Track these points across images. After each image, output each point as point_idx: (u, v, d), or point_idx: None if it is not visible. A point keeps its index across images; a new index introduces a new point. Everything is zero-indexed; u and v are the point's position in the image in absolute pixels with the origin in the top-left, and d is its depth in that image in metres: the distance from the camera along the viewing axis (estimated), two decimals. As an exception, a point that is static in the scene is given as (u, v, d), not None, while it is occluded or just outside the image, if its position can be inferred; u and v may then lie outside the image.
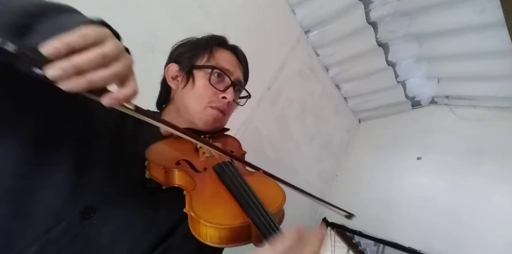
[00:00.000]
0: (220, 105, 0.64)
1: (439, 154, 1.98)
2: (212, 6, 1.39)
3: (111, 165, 0.50)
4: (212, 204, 0.45)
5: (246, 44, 0.79)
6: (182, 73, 0.67)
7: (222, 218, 0.41)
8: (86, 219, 0.44)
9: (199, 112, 0.63)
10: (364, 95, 2.36)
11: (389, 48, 1.92)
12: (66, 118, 0.48)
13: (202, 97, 0.64)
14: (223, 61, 0.68)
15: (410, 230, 1.77)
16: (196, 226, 0.41)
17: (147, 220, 0.49)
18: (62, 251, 0.41)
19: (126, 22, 1.09)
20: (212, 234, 0.39)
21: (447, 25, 1.62)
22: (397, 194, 1.98)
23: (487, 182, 1.69)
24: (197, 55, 0.68)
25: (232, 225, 0.40)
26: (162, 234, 0.50)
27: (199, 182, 0.48)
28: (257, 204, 0.43)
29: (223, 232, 0.39)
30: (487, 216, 1.60)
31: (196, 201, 0.43)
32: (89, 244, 0.43)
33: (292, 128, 1.96)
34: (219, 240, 0.39)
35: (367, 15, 1.74)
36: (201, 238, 0.40)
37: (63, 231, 0.42)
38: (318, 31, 1.94)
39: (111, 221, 0.46)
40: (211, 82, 0.64)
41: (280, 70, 1.80)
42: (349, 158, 2.45)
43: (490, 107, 1.93)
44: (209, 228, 0.39)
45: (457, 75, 1.92)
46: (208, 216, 0.40)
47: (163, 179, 0.50)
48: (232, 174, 0.51)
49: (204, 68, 0.66)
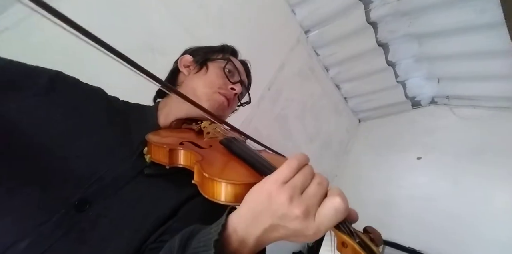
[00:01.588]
0: (228, 93, 0.66)
1: (439, 154, 1.98)
2: (212, 6, 1.39)
3: (103, 155, 0.50)
4: (224, 166, 0.45)
5: (246, 44, 0.79)
6: (196, 64, 0.69)
7: (237, 176, 0.41)
8: (81, 211, 0.44)
9: (208, 95, 0.64)
10: (364, 95, 2.36)
11: (389, 48, 1.92)
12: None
13: (213, 82, 0.65)
14: (235, 63, 0.71)
15: (410, 230, 1.77)
16: (210, 187, 0.39)
17: (146, 209, 0.49)
18: (56, 244, 0.41)
19: (126, 22, 1.09)
20: (228, 191, 0.38)
21: (447, 25, 1.63)
22: (397, 194, 1.98)
23: (487, 182, 1.69)
24: (212, 52, 0.71)
25: (248, 181, 0.38)
26: (161, 222, 0.49)
27: (207, 155, 0.47)
28: (269, 165, 0.43)
29: (239, 189, 0.38)
30: (487, 215, 1.60)
31: (207, 165, 0.42)
32: (85, 237, 0.43)
33: (292, 128, 1.96)
34: (234, 198, 0.38)
35: (367, 15, 1.74)
36: (215, 198, 0.39)
37: (56, 224, 0.42)
38: (318, 31, 1.93)
39: (108, 212, 0.46)
40: (224, 72, 0.67)
41: (280, 70, 1.80)
42: (349, 158, 2.45)
43: (490, 107, 1.93)
44: (225, 185, 0.38)
45: (457, 75, 1.92)
46: (222, 174, 0.40)
47: (167, 159, 0.48)
48: (240, 144, 0.51)
49: (219, 60, 0.69)
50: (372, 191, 2.09)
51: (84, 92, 0.57)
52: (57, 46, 0.94)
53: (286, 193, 0.32)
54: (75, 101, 0.54)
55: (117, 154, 0.52)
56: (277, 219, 0.32)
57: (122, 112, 0.61)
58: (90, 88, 0.60)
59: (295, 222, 0.31)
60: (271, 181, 0.34)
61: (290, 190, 0.32)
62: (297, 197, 0.32)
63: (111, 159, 0.51)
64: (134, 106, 0.66)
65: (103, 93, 0.62)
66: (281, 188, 0.33)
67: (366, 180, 2.19)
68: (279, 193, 0.32)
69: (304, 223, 0.31)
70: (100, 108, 0.57)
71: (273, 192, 0.32)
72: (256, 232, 0.33)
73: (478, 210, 1.64)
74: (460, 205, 1.71)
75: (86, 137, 0.51)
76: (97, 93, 0.60)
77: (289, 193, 0.32)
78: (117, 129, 0.56)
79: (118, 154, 0.52)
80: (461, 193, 1.75)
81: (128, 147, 0.54)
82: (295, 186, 0.33)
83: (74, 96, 0.54)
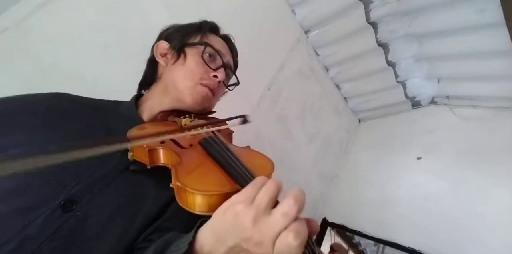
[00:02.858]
0: (211, 83, 0.62)
1: (439, 154, 1.98)
2: (212, 6, 1.39)
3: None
4: (199, 174, 0.44)
5: (246, 44, 0.79)
6: (173, 51, 0.64)
7: (210, 186, 0.40)
8: (68, 212, 0.43)
9: (189, 88, 0.61)
10: (364, 95, 2.36)
11: (389, 48, 1.92)
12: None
13: (193, 73, 0.62)
14: (215, 44, 0.66)
15: (410, 230, 1.77)
16: (183, 196, 0.39)
17: (134, 206, 0.48)
18: (43, 246, 0.40)
19: (126, 22, 1.09)
20: (200, 202, 0.38)
21: (447, 25, 1.62)
22: (397, 194, 1.98)
23: (487, 182, 1.69)
24: (189, 34, 0.66)
25: (221, 191, 0.38)
26: (151, 219, 0.48)
27: (185, 157, 0.46)
28: (245, 172, 0.42)
29: (212, 199, 0.38)
30: (487, 216, 1.60)
31: (182, 172, 0.41)
32: (73, 237, 0.42)
33: (292, 128, 1.96)
34: (208, 208, 0.38)
35: (367, 15, 1.74)
36: (189, 207, 0.39)
37: (41, 226, 0.41)
38: (318, 31, 1.93)
39: (95, 211, 0.45)
40: (203, 59, 0.62)
41: (280, 70, 1.80)
42: (349, 157, 2.45)
43: (490, 107, 1.93)
44: (197, 196, 0.38)
45: (457, 75, 1.92)
46: (195, 184, 0.39)
47: (147, 158, 0.48)
48: (218, 145, 0.50)
49: (197, 45, 0.64)
50: (372, 190, 2.09)
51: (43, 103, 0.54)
52: (57, 46, 0.94)
53: (251, 214, 0.32)
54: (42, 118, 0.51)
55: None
56: (240, 240, 0.32)
57: (96, 109, 0.59)
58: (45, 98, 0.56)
59: (257, 248, 0.32)
60: (238, 201, 0.34)
61: (254, 211, 0.32)
62: (261, 220, 0.32)
63: (94, 157, 0.49)
64: (109, 102, 0.64)
65: (65, 96, 0.59)
66: (247, 208, 0.33)
67: (366, 180, 2.18)
68: (245, 214, 0.32)
69: (265, 250, 0.31)
70: (69, 113, 0.55)
71: (240, 214, 0.33)
72: (221, 251, 0.33)
73: (478, 210, 1.64)
74: (460, 205, 1.71)
75: (61, 144, 0.48)
76: (58, 100, 0.57)
77: (254, 215, 0.32)
78: (94, 127, 0.54)
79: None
80: (461, 193, 1.75)
81: None
82: (259, 207, 0.33)
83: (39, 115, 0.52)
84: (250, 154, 0.55)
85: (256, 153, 0.56)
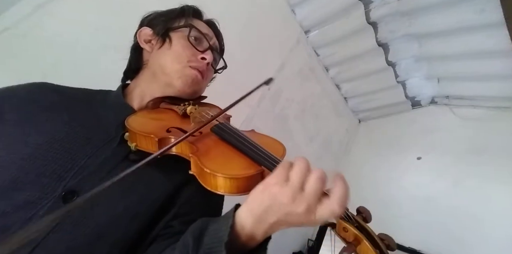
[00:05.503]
0: (199, 65, 0.61)
1: (439, 154, 1.98)
2: (212, 6, 1.38)
3: (78, 146, 0.48)
4: (223, 159, 0.46)
5: (246, 44, 0.79)
6: (157, 36, 0.63)
7: (237, 170, 0.43)
8: (69, 202, 0.42)
9: (178, 71, 0.59)
10: (364, 95, 2.36)
11: (389, 48, 1.92)
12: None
13: (181, 56, 0.60)
14: (200, 27, 0.64)
15: (410, 230, 1.77)
16: (212, 181, 0.42)
17: (139, 194, 0.48)
18: (48, 238, 0.40)
19: (126, 22, 1.09)
20: (229, 185, 0.41)
21: (447, 25, 1.63)
22: (397, 194, 1.98)
23: (487, 181, 1.69)
24: (173, 19, 0.65)
25: (248, 174, 0.42)
26: (157, 207, 0.48)
27: (200, 144, 0.47)
28: (265, 153, 0.45)
29: (240, 182, 0.41)
30: (487, 216, 1.60)
31: (206, 160, 0.43)
32: (79, 226, 0.42)
33: (292, 128, 1.96)
34: (237, 189, 0.41)
35: (367, 15, 1.74)
36: (218, 190, 0.42)
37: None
38: (318, 31, 1.93)
39: (98, 200, 0.44)
40: (190, 41, 0.61)
41: (280, 70, 1.80)
42: (349, 158, 2.45)
43: (490, 107, 1.93)
44: (227, 180, 0.41)
45: (457, 75, 1.92)
46: (224, 170, 0.42)
47: (156, 148, 0.47)
48: (232, 132, 0.51)
49: (182, 28, 0.62)
50: (372, 190, 2.09)
51: (25, 97, 0.53)
52: (57, 46, 0.95)
53: (288, 193, 0.35)
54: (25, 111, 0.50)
55: (94, 142, 0.49)
56: (282, 215, 0.36)
57: (82, 99, 0.58)
58: (28, 89, 0.55)
59: (299, 217, 0.36)
60: (273, 183, 0.37)
61: (291, 190, 0.35)
62: (298, 196, 0.35)
63: (88, 148, 0.48)
64: (95, 92, 0.62)
65: (50, 87, 0.58)
66: (283, 188, 0.36)
67: (366, 180, 2.18)
68: (282, 194, 0.35)
69: (306, 218, 0.36)
70: (52, 103, 0.53)
71: (277, 194, 0.36)
72: (263, 227, 0.37)
73: (478, 210, 1.64)
74: (460, 205, 1.71)
75: (50, 136, 0.48)
76: (40, 90, 0.56)
77: (291, 193, 0.35)
78: (83, 117, 0.53)
79: (95, 142, 0.50)
80: (461, 192, 1.75)
81: (104, 133, 0.51)
82: (294, 185, 0.36)
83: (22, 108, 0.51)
84: (258, 136, 0.58)
85: (264, 135, 0.59)
